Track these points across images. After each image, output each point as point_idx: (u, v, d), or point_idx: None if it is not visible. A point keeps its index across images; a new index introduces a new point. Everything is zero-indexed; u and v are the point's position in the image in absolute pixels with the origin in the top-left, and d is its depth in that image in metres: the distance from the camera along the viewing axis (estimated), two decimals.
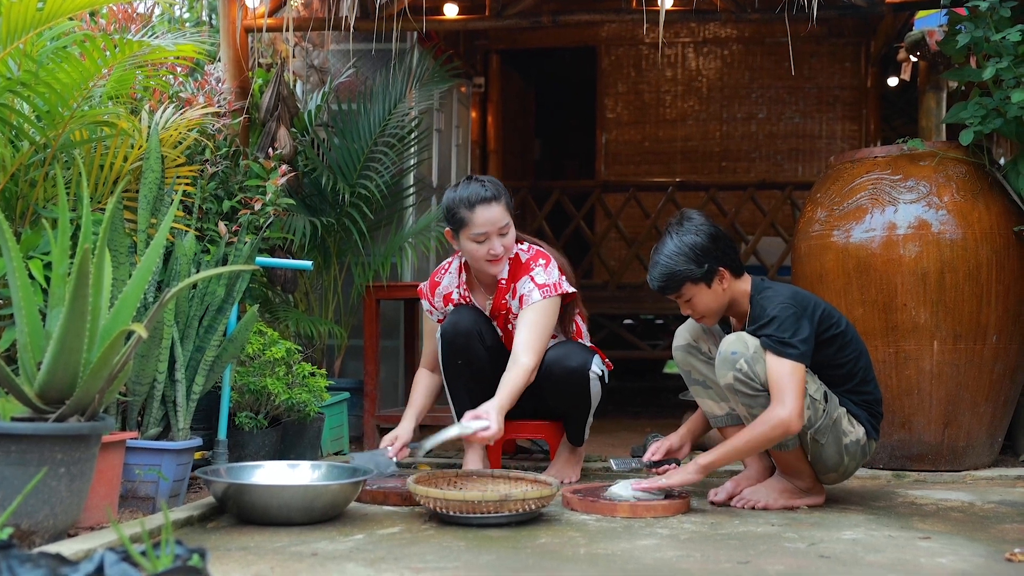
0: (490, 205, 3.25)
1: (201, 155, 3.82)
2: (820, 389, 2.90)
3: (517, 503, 2.62)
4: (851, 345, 2.97)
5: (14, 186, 3.00)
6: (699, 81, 8.76)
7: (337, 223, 4.59)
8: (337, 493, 2.71)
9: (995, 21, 3.49)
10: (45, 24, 2.82)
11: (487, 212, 3.25)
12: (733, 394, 2.89)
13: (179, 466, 2.88)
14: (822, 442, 2.89)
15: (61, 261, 2.41)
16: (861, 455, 2.96)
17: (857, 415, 2.96)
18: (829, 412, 2.89)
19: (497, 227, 3.26)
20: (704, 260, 2.90)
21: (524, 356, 3.20)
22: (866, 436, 2.96)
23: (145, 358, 2.91)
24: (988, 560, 2.30)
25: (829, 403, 2.90)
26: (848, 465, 2.96)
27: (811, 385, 2.86)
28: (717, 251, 2.92)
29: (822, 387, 2.91)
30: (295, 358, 3.62)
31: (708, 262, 2.90)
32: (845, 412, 2.93)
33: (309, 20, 4.58)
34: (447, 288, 3.51)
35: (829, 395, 2.92)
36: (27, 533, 2.15)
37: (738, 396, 2.88)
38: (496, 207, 3.26)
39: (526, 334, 3.25)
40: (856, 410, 2.96)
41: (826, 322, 2.91)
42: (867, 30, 8.08)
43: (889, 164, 3.67)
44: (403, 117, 4.81)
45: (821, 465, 2.94)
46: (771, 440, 2.79)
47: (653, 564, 2.24)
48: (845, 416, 2.93)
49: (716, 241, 2.94)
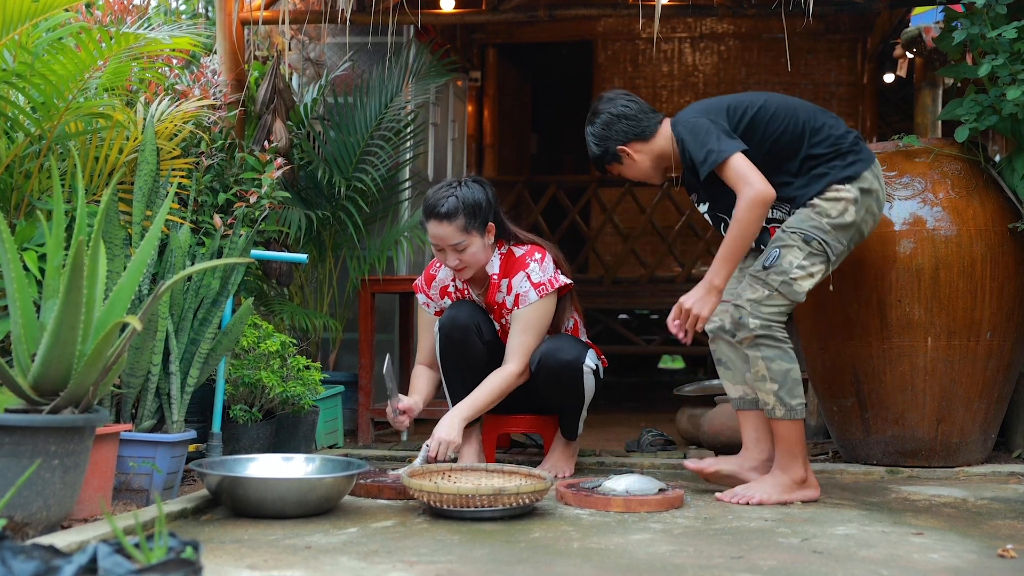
0: (440, 223, 3.24)
1: (196, 148, 3.82)
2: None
3: (511, 497, 2.62)
4: (777, 114, 3.11)
5: (9, 177, 3.00)
6: (695, 76, 8.76)
7: (333, 216, 4.59)
8: (331, 486, 2.72)
9: (991, 18, 3.50)
10: (41, 15, 2.81)
11: (436, 228, 3.26)
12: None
13: (173, 459, 2.88)
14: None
15: (56, 253, 2.41)
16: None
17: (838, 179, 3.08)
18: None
19: (447, 244, 3.26)
20: (605, 144, 3.20)
21: (512, 361, 3.30)
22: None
23: (139, 350, 2.91)
24: (980, 556, 2.30)
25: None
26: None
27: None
28: (614, 132, 3.19)
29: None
30: (290, 351, 3.62)
31: (608, 145, 3.20)
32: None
33: (305, 13, 4.58)
34: (443, 281, 3.52)
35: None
36: (20, 525, 2.15)
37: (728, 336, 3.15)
38: (446, 226, 3.23)
39: (519, 337, 3.30)
40: (840, 172, 3.08)
41: (737, 111, 3.10)
42: (863, 26, 8.09)
43: (884, 160, 3.67)
44: (399, 111, 4.80)
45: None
46: (758, 217, 2.95)
47: (646, 559, 2.24)
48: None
49: (614, 123, 3.19)
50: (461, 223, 3.23)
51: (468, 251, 3.27)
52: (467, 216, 3.24)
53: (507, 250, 3.40)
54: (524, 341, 3.30)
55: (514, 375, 3.29)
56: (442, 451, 3.14)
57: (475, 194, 3.28)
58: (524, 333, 3.31)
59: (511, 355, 3.31)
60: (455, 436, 3.17)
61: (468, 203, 3.25)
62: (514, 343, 3.31)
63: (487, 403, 3.28)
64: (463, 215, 3.23)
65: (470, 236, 3.26)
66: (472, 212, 3.25)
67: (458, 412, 3.23)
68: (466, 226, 3.24)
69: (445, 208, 3.23)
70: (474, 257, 3.29)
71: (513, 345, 3.31)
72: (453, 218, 3.23)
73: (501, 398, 3.31)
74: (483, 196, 3.29)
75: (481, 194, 3.29)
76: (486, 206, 3.29)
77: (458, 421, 3.21)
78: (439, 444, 3.15)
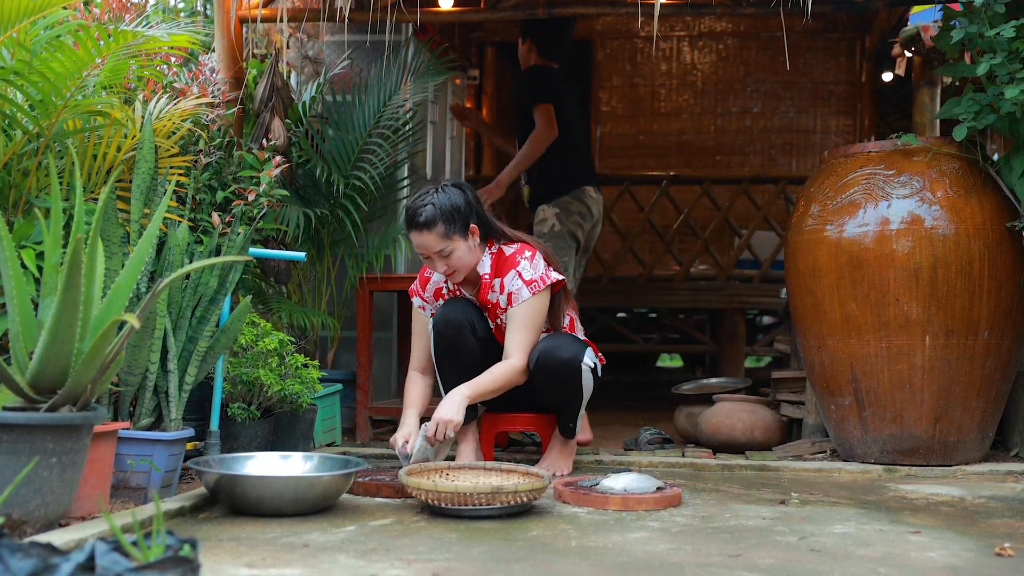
0: (421, 233, 3.26)
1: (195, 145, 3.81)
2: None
3: (509, 495, 2.62)
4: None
5: (7, 175, 2.99)
6: (694, 75, 8.75)
7: (331, 214, 4.58)
8: (329, 484, 2.72)
9: (989, 17, 3.49)
10: (39, 13, 2.81)
11: (417, 238, 3.29)
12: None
13: (171, 457, 2.88)
14: None
15: (54, 251, 2.41)
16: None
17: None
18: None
19: (431, 251, 3.28)
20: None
21: (515, 357, 3.29)
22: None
23: (137, 348, 2.91)
24: (978, 555, 2.31)
25: None
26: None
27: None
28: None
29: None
30: (288, 349, 3.62)
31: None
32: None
33: (304, 11, 4.57)
34: (437, 283, 3.52)
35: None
36: (18, 523, 2.15)
37: None
38: (427, 235, 3.25)
39: (517, 334, 3.30)
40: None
41: None
42: (862, 25, 8.08)
43: (883, 159, 3.67)
44: (398, 109, 4.80)
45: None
46: None
47: (644, 557, 2.24)
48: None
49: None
50: (441, 230, 3.25)
51: (454, 256, 3.29)
52: (446, 222, 3.25)
53: (497, 249, 3.41)
54: (522, 338, 3.31)
55: (517, 369, 3.29)
56: (440, 431, 3.11)
57: (452, 198, 3.28)
58: (521, 330, 3.31)
59: (511, 352, 3.31)
60: (455, 415, 3.14)
61: (446, 209, 3.26)
62: (512, 340, 3.32)
63: (489, 390, 3.26)
64: (441, 222, 3.25)
65: (452, 241, 3.27)
66: (450, 217, 3.26)
67: (461, 392, 3.20)
68: (447, 232, 3.26)
69: (423, 217, 3.25)
70: (461, 261, 3.30)
71: (512, 342, 3.32)
72: (432, 226, 3.24)
73: (503, 389, 3.29)
74: (461, 199, 3.30)
75: (459, 197, 3.30)
76: (465, 208, 3.30)
77: (460, 399, 3.18)
78: (438, 424, 3.12)
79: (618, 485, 2.88)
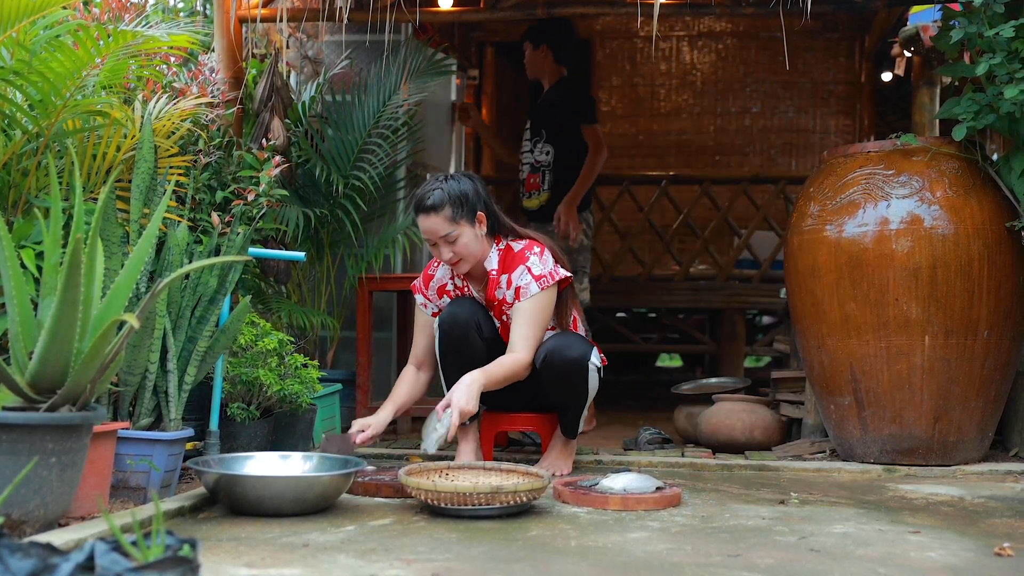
0: (428, 215, 3.26)
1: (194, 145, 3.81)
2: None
3: (508, 495, 2.62)
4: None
5: (6, 175, 2.99)
6: (693, 75, 8.75)
7: (330, 214, 4.58)
8: (328, 484, 2.72)
9: (989, 17, 3.49)
10: (38, 13, 2.81)
11: (424, 222, 3.28)
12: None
13: (170, 456, 2.88)
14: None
15: (53, 251, 2.41)
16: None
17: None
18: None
19: (438, 236, 3.28)
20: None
21: (520, 351, 3.26)
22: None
23: (137, 348, 2.91)
24: (977, 555, 2.31)
25: None
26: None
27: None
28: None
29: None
30: (287, 349, 3.61)
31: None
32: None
33: (303, 11, 4.57)
34: (441, 280, 3.52)
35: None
36: (17, 523, 2.15)
37: None
38: (434, 218, 3.26)
39: (523, 329, 3.28)
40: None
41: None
42: (862, 25, 8.08)
43: (882, 159, 3.67)
44: (397, 109, 4.80)
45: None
46: None
47: (644, 557, 2.24)
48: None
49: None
50: (448, 213, 3.25)
51: (460, 241, 3.28)
52: (454, 206, 3.26)
53: (505, 245, 3.40)
54: (528, 334, 3.28)
55: (522, 363, 3.26)
56: (458, 422, 3.04)
57: (462, 185, 3.31)
58: (527, 326, 3.29)
59: (516, 346, 3.27)
60: (472, 405, 3.06)
61: (454, 194, 3.27)
62: (517, 335, 3.28)
63: (500, 379, 3.22)
64: (449, 205, 3.26)
65: (459, 226, 3.27)
66: (459, 202, 3.27)
67: (476, 379, 3.13)
68: (454, 216, 3.26)
69: (431, 200, 3.26)
70: (467, 248, 3.30)
71: (517, 337, 3.28)
72: (440, 209, 3.25)
73: (508, 381, 3.25)
74: (470, 187, 3.32)
75: (468, 185, 3.32)
76: (473, 196, 3.31)
77: (476, 388, 3.11)
78: (459, 414, 3.04)
79: (618, 485, 2.88)
